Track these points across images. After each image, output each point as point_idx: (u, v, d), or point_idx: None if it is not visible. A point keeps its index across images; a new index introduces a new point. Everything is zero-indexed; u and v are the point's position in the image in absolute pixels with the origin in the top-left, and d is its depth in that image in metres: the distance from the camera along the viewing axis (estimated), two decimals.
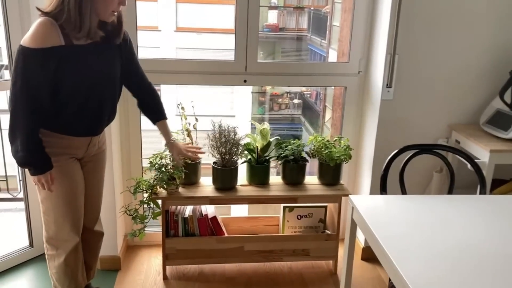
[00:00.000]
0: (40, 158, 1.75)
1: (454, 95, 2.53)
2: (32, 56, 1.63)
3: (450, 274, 1.29)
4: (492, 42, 2.46)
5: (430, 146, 2.07)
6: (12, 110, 1.69)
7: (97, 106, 1.84)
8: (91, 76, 1.78)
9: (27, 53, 1.63)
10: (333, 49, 7.51)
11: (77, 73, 1.74)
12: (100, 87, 1.82)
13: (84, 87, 1.77)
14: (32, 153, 1.72)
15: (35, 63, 1.64)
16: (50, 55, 1.65)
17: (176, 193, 2.41)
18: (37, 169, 1.75)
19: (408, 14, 2.36)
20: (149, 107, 2.12)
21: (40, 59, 1.64)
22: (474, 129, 2.46)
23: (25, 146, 1.70)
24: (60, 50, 1.67)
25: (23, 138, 1.69)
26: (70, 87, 1.74)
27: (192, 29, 8.52)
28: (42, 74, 1.66)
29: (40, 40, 1.63)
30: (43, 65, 1.65)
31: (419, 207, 1.71)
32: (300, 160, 2.54)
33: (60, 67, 1.68)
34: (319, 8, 9.10)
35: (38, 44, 1.63)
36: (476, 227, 1.57)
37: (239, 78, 2.60)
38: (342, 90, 2.80)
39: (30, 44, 1.63)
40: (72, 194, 1.89)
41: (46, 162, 1.76)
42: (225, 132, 2.44)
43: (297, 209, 2.61)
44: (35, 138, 1.72)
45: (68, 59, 1.69)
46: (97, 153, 2.01)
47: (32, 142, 1.71)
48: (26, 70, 1.64)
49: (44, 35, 1.64)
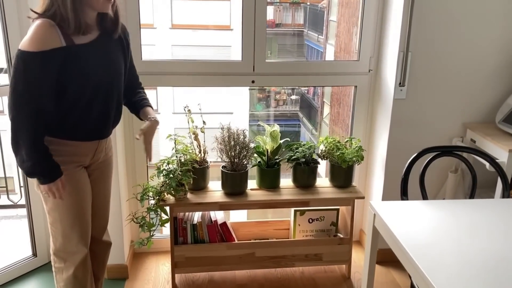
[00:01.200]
0: (48, 166, 1.66)
1: (469, 93, 2.47)
2: (32, 60, 1.55)
3: (482, 283, 1.25)
4: (507, 38, 2.40)
5: (450, 148, 2.00)
6: (13, 118, 1.59)
7: (104, 105, 1.75)
8: (96, 74, 1.69)
9: (26, 57, 1.54)
10: (330, 45, 7.46)
11: (82, 73, 1.65)
12: (105, 85, 1.74)
13: (90, 86, 1.68)
14: (39, 162, 1.63)
15: (36, 67, 1.55)
16: (51, 58, 1.56)
17: (185, 199, 2.33)
18: (46, 177, 1.66)
19: (421, 10, 2.29)
20: (135, 102, 1.98)
21: (41, 63, 1.55)
22: (490, 128, 2.40)
23: (31, 156, 1.61)
24: (62, 51, 1.58)
25: (27, 147, 1.60)
26: (75, 89, 1.65)
27: (188, 26, 8.41)
28: (44, 78, 1.57)
29: (40, 42, 1.55)
30: (44, 68, 1.57)
31: (443, 213, 1.65)
32: (311, 162, 2.47)
33: (63, 69, 1.60)
34: (316, 3, 9.02)
35: (38, 47, 1.54)
36: (503, 232, 1.52)
37: (247, 79, 2.52)
38: (351, 89, 2.73)
39: (30, 47, 1.54)
40: (80, 205, 1.81)
41: (55, 170, 1.67)
42: (234, 135, 2.36)
43: (308, 212, 2.55)
44: (40, 145, 1.63)
45: (71, 60, 1.61)
46: (104, 159, 1.93)
47: (37, 150, 1.62)
48: (27, 75, 1.55)
49: (44, 38, 1.55)
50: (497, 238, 1.48)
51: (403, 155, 2.13)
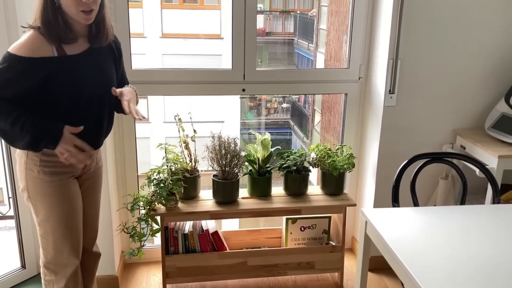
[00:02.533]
0: (45, 129, 1.60)
1: (458, 100, 2.49)
2: (17, 63, 1.54)
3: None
4: (495, 45, 2.42)
5: (441, 155, 2.02)
6: None
7: (96, 116, 1.74)
8: (87, 85, 1.69)
9: (13, 59, 1.54)
10: (320, 53, 7.51)
11: (74, 84, 1.65)
12: (97, 96, 1.73)
13: (82, 97, 1.68)
14: (32, 133, 1.58)
15: (18, 70, 1.55)
16: (39, 66, 1.57)
17: (176, 208, 2.31)
18: (52, 138, 1.60)
19: (410, 18, 2.31)
20: None
21: (25, 68, 1.55)
22: (479, 134, 2.41)
23: (21, 133, 1.57)
24: (52, 61, 1.59)
25: (12, 127, 1.57)
26: (68, 99, 1.65)
27: (178, 35, 8.42)
28: (22, 82, 1.56)
29: (30, 49, 1.56)
30: (26, 74, 1.56)
31: (435, 220, 1.65)
32: (302, 170, 2.46)
33: (54, 79, 1.60)
34: (305, 11, 9.09)
35: (28, 53, 1.55)
36: (494, 238, 1.53)
37: (238, 88, 2.52)
38: (342, 96, 2.74)
39: (19, 52, 1.55)
40: (72, 216, 1.79)
41: (54, 127, 1.61)
42: (225, 144, 2.35)
43: (300, 220, 2.54)
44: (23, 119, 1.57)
45: (63, 70, 1.61)
46: (95, 169, 1.92)
47: (22, 125, 1.57)
48: (5, 74, 1.54)
49: (35, 45, 1.56)
50: (489, 244, 1.49)
51: (394, 162, 2.14)
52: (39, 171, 1.70)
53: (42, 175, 1.70)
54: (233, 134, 2.44)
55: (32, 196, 1.74)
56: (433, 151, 2.37)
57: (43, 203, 1.74)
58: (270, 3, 8.97)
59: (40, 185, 1.71)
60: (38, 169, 1.70)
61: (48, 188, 1.72)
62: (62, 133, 1.62)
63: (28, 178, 1.72)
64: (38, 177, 1.70)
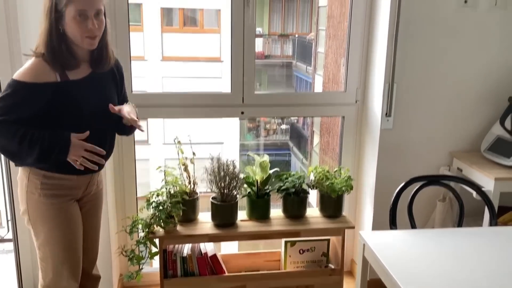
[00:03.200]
0: (53, 141, 1.61)
1: (454, 122, 2.52)
2: (22, 89, 1.59)
3: None
4: (489, 69, 2.47)
5: (437, 177, 2.03)
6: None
7: (97, 139, 1.76)
8: (89, 110, 1.72)
9: (17, 85, 1.58)
10: (318, 75, 7.59)
11: (76, 108, 1.68)
12: (98, 120, 1.76)
13: (84, 121, 1.71)
14: (40, 147, 1.59)
15: (24, 96, 1.59)
16: (42, 91, 1.60)
17: (174, 231, 2.31)
18: (61, 148, 1.61)
19: (405, 42, 2.36)
20: None
21: (30, 94, 1.59)
22: (476, 156, 2.43)
23: (30, 149, 1.59)
24: (55, 86, 1.63)
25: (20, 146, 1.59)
26: (69, 124, 1.67)
27: (179, 58, 8.54)
28: (28, 107, 1.60)
29: (34, 75, 1.60)
30: (32, 99, 1.60)
31: (432, 242, 1.66)
32: (301, 192, 2.47)
33: (56, 103, 1.63)
34: (304, 35, 9.22)
35: (31, 79, 1.59)
36: (492, 261, 1.53)
37: (236, 111, 2.55)
38: (340, 118, 2.77)
39: (23, 78, 1.59)
40: (72, 239, 1.79)
41: (61, 137, 1.62)
42: (223, 166, 2.37)
43: (299, 243, 2.54)
44: (29, 135, 1.59)
45: (65, 95, 1.65)
46: (95, 192, 1.93)
47: (30, 141, 1.58)
48: (10, 100, 1.58)
49: (39, 71, 1.61)
50: (486, 267, 1.49)
51: (392, 184, 2.15)
52: (40, 194, 1.71)
53: (43, 198, 1.71)
54: (232, 156, 2.46)
55: (32, 219, 1.75)
56: (430, 173, 2.39)
57: (44, 226, 1.74)
58: (269, 27, 9.12)
59: (40, 208, 1.73)
60: (39, 192, 1.71)
61: (49, 211, 1.73)
62: (70, 141, 1.62)
63: (29, 201, 1.73)
64: (39, 200, 1.72)
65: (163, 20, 8.51)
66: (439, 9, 2.35)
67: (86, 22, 1.60)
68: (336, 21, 6.55)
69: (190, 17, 8.75)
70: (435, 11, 2.35)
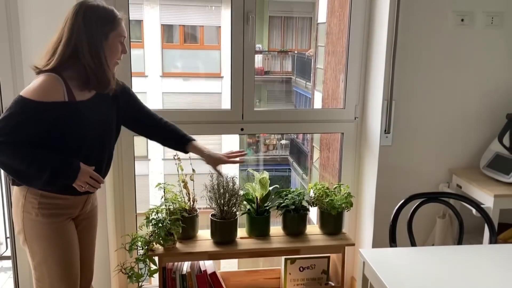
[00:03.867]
0: (62, 167, 1.64)
1: (453, 139, 2.53)
2: (29, 107, 1.58)
3: None
4: (488, 86, 2.49)
5: (436, 194, 2.03)
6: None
7: (96, 160, 1.77)
8: (91, 131, 1.73)
9: (25, 103, 1.58)
10: (318, 91, 7.63)
11: (79, 129, 1.69)
12: (99, 141, 1.77)
13: (86, 143, 1.72)
14: (51, 172, 1.62)
15: (31, 115, 1.59)
16: (49, 110, 1.61)
17: (174, 249, 2.31)
18: (70, 175, 1.64)
19: (403, 59, 2.39)
20: (171, 139, 2.04)
21: (37, 112, 1.59)
22: (475, 173, 2.44)
23: (39, 172, 1.62)
24: (62, 106, 1.63)
25: (29, 168, 1.61)
26: (71, 143, 1.68)
27: (179, 74, 8.58)
28: (35, 126, 1.60)
29: (43, 93, 1.60)
30: (39, 118, 1.60)
31: (433, 260, 1.65)
32: (301, 209, 2.47)
33: (60, 124, 1.64)
34: (303, 51, 9.29)
35: (40, 98, 1.59)
36: (492, 279, 1.52)
37: (236, 127, 2.56)
38: (339, 134, 2.78)
39: (31, 96, 1.59)
40: (69, 258, 1.78)
41: (71, 164, 1.65)
42: (223, 183, 2.37)
43: (299, 260, 2.53)
44: (39, 159, 1.62)
45: (70, 116, 1.66)
46: (91, 209, 1.93)
47: (39, 165, 1.61)
48: (18, 118, 1.58)
49: (48, 90, 1.61)
50: (487, 285, 1.48)
51: (392, 201, 2.15)
52: (38, 214, 1.70)
53: (40, 217, 1.71)
54: (232, 171, 2.46)
55: (28, 239, 1.74)
56: (429, 190, 2.39)
57: (40, 246, 1.73)
58: (268, 43, 9.18)
59: (37, 227, 1.72)
60: (37, 211, 1.70)
61: (46, 230, 1.72)
62: (79, 168, 1.66)
63: (25, 220, 1.72)
64: (36, 219, 1.71)
65: (164, 37, 8.58)
66: (436, 27, 2.38)
67: (122, 47, 1.73)
68: (335, 38, 6.61)
69: (190, 33, 8.83)
70: (432, 29, 2.38)
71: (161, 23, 8.27)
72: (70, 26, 1.63)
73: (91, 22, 1.64)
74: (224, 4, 7.97)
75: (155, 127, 2.01)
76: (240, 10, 2.40)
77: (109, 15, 1.68)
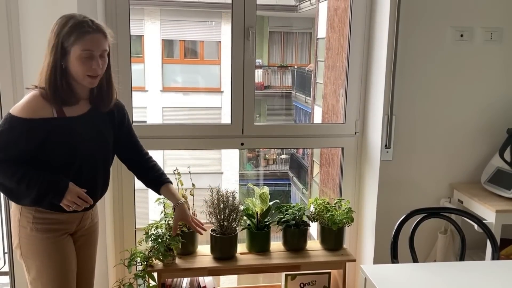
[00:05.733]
0: (50, 186, 1.63)
1: (453, 154, 2.52)
2: (18, 125, 1.59)
3: None
4: (488, 100, 2.49)
5: (438, 210, 2.02)
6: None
7: (90, 178, 1.76)
8: (83, 147, 1.72)
9: (14, 121, 1.59)
10: (318, 106, 7.65)
11: (70, 145, 1.68)
12: (92, 158, 1.76)
13: (77, 159, 1.71)
14: (38, 190, 1.62)
15: (21, 132, 1.59)
16: (38, 127, 1.61)
17: (173, 264, 2.28)
18: (57, 193, 1.63)
19: (403, 74, 2.39)
20: (148, 175, 2.00)
21: (26, 130, 1.59)
22: (476, 188, 2.43)
23: (27, 190, 1.61)
24: (51, 122, 1.63)
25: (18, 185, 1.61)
26: (62, 160, 1.68)
27: (178, 89, 8.62)
28: (24, 143, 1.61)
29: (30, 111, 1.60)
30: (27, 135, 1.60)
31: (435, 276, 1.63)
32: (301, 224, 2.45)
33: (51, 139, 1.63)
34: (303, 66, 9.34)
35: (28, 115, 1.60)
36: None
37: (236, 142, 2.56)
38: (339, 149, 2.78)
39: (19, 113, 1.59)
40: (64, 274, 1.76)
41: (59, 183, 1.64)
42: (223, 198, 2.36)
43: (299, 276, 2.50)
44: (27, 177, 1.61)
45: (60, 132, 1.65)
46: (90, 226, 1.91)
47: (28, 183, 1.61)
48: (8, 136, 1.59)
49: (35, 107, 1.61)
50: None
51: (393, 216, 2.14)
52: (32, 228, 1.69)
53: (35, 232, 1.69)
54: (232, 186, 2.45)
55: (24, 253, 1.73)
56: (431, 205, 2.39)
57: (36, 261, 1.72)
58: (268, 58, 9.23)
59: (33, 242, 1.70)
60: (31, 226, 1.69)
61: (41, 246, 1.71)
62: (67, 187, 1.65)
63: (22, 235, 1.71)
64: (31, 234, 1.70)
65: (164, 52, 8.64)
66: (436, 43, 2.39)
67: (90, 61, 1.63)
68: (334, 53, 6.65)
69: (190, 48, 8.88)
70: (432, 45, 2.39)
71: (161, 38, 8.33)
72: (48, 47, 1.63)
73: (55, 36, 1.61)
74: (224, 20, 8.04)
75: (139, 158, 1.98)
76: (241, 26, 2.42)
77: (73, 27, 1.60)
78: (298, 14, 8.53)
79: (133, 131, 1.98)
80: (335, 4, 6.50)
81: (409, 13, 2.34)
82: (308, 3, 7.91)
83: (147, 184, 2.00)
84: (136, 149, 1.98)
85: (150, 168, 1.99)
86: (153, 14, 8.02)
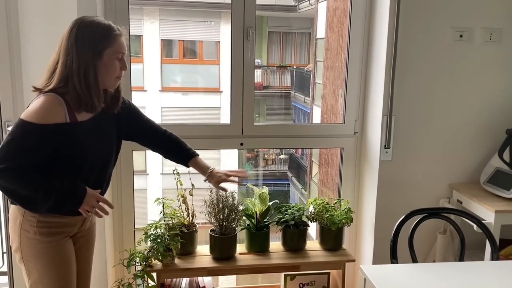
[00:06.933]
0: (69, 192, 1.61)
1: (453, 154, 2.52)
2: (32, 131, 1.55)
3: None
4: (487, 101, 2.49)
5: (437, 210, 2.02)
6: (3, 183, 1.58)
7: (97, 180, 1.76)
8: (92, 151, 1.71)
9: (27, 127, 1.55)
10: (317, 106, 7.65)
11: (81, 150, 1.66)
12: (100, 160, 1.76)
13: (87, 162, 1.70)
14: (56, 197, 1.59)
15: (33, 139, 1.56)
16: (52, 132, 1.58)
17: (172, 264, 2.28)
18: (77, 200, 1.62)
19: (403, 74, 2.39)
20: (174, 152, 2.03)
21: (40, 136, 1.56)
22: (475, 189, 2.43)
23: (45, 197, 1.59)
24: (64, 127, 1.61)
25: (35, 194, 1.59)
26: (73, 164, 1.66)
27: (177, 89, 8.61)
28: (37, 150, 1.58)
29: (44, 116, 1.56)
30: (41, 141, 1.57)
31: (434, 277, 1.64)
32: (301, 224, 2.45)
33: (62, 145, 1.61)
34: (302, 66, 9.34)
35: (41, 120, 1.56)
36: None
37: (236, 142, 2.56)
38: (338, 149, 2.78)
39: (33, 119, 1.55)
40: (66, 276, 1.75)
41: (77, 188, 1.63)
42: (222, 198, 2.36)
43: (298, 276, 2.50)
44: (45, 185, 1.59)
45: (72, 137, 1.63)
46: (89, 227, 1.91)
47: (45, 191, 1.59)
48: (22, 144, 1.55)
49: (49, 112, 1.58)
50: None
51: (392, 217, 2.14)
52: (36, 232, 1.67)
53: (38, 236, 1.68)
54: (231, 187, 2.45)
55: (25, 257, 1.71)
56: (430, 205, 2.39)
57: (37, 264, 1.70)
58: (267, 58, 9.23)
59: (35, 246, 1.69)
60: (35, 230, 1.67)
61: (44, 249, 1.69)
62: (85, 192, 1.64)
63: (23, 239, 1.69)
64: (34, 238, 1.68)
65: (163, 52, 8.63)
66: (435, 43, 2.39)
67: (121, 64, 1.68)
68: (333, 53, 6.65)
69: (189, 48, 8.88)
70: (431, 45, 2.39)
71: (160, 38, 8.33)
72: (65, 46, 1.61)
73: (84, 40, 1.60)
74: (223, 20, 8.04)
75: (159, 138, 2.00)
76: (240, 26, 2.42)
77: (104, 31, 1.63)
78: (297, 14, 8.53)
79: (145, 116, 1.99)
80: (334, 4, 6.50)
81: (408, 14, 2.34)
82: (307, 3, 7.91)
83: (175, 160, 2.03)
84: (155, 132, 2.00)
85: (177, 144, 2.03)
86: (152, 14, 8.01)
